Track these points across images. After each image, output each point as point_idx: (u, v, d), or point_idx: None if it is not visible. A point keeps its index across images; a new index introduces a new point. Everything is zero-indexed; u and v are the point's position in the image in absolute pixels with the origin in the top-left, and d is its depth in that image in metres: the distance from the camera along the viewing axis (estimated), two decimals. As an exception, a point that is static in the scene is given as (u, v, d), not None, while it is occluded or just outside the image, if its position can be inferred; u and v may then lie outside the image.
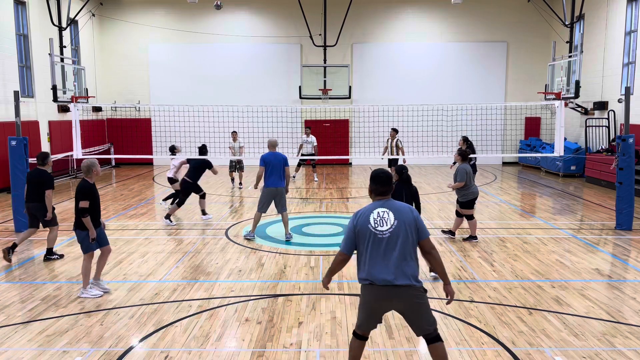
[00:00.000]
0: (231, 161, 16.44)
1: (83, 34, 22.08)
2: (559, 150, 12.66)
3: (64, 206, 13.77)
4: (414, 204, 7.57)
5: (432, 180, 18.44)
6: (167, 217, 11.45)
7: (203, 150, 12.26)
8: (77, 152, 12.91)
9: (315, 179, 18.59)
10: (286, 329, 5.99)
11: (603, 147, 17.97)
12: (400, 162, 15.88)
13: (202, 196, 12.00)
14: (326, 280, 4.62)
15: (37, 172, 8.64)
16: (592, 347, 5.52)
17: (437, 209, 13.07)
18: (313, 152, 17.60)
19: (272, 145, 10.01)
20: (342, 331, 5.93)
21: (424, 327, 4.34)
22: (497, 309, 6.55)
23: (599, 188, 16.52)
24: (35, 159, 8.96)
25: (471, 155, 12.71)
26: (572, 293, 7.12)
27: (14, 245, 8.74)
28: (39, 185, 8.53)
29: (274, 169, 9.71)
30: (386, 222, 4.23)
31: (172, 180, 12.86)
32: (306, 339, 5.76)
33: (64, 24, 19.97)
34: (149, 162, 23.59)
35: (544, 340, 5.67)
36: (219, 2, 14.35)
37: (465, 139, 13.48)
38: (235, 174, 16.91)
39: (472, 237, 9.85)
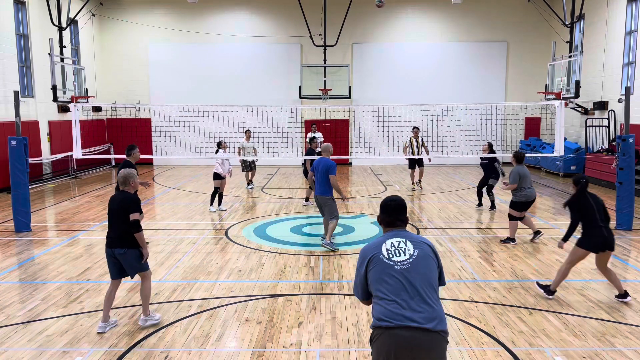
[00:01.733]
0: (245, 161, 16.24)
1: (83, 34, 22.09)
2: (559, 150, 12.66)
3: (63, 206, 13.79)
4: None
5: (432, 180, 18.42)
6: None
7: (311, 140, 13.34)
8: (77, 152, 12.91)
9: None
10: (286, 329, 5.99)
11: (603, 147, 17.97)
12: (425, 162, 15.86)
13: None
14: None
15: (123, 164, 9.08)
16: (592, 347, 5.52)
17: (437, 209, 13.07)
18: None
19: (324, 150, 9.48)
20: (342, 331, 5.93)
21: None
22: (497, 309, 6.55)
23: (599, 188, 16.52)
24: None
25: (492, 155, 12.59)
26: (572, 293, 7.11)
27: None
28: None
29: (318, 175, 9.21)
30: (403, 252, 3.50)
31: (217, 176, 12.72)
32: (306, 339, 5.76)
33: (64, 24, 19.97)
34: (149, 162, 23.59)
35: (544, 340, 5.67)
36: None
37: (490, 145, 13.00)
38: (249, 174, 16.76)
39: (510, 239, 9.72)
